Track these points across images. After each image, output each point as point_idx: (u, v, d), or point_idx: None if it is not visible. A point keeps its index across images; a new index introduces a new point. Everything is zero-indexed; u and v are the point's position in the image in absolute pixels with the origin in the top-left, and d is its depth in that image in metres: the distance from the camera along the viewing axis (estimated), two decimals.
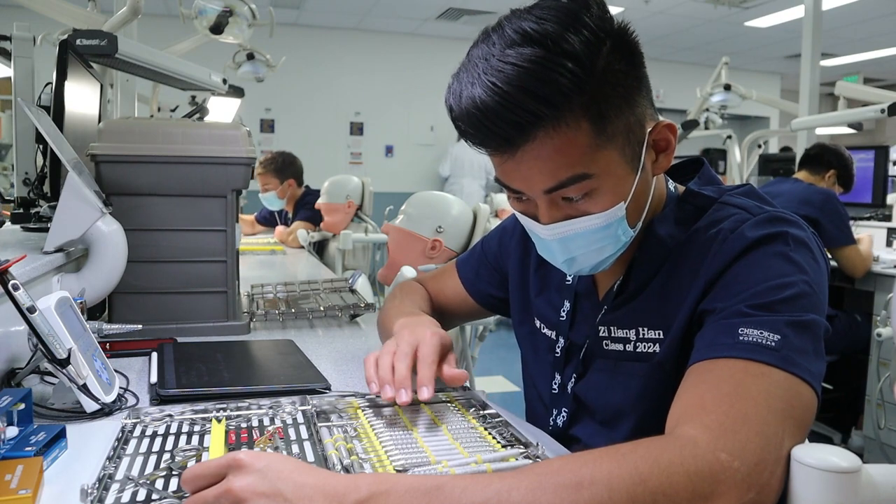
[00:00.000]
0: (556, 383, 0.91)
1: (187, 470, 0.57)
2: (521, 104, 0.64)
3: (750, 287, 0.68)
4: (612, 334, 0.83)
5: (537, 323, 0.96)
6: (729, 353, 0.64)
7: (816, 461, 0.52)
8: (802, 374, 0.62)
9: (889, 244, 3.12)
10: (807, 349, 0.64)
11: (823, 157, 2.97)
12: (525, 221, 0.79)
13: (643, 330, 0.80)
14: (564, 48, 0.64)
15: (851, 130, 3.90)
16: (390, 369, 0.81)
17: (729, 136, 4.47)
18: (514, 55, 0.64)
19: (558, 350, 0.90)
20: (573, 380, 0.88)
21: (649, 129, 0.74)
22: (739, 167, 4.42)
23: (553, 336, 0.92)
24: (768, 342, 0.63)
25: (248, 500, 0.52)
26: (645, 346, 0.80)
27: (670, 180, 0.86)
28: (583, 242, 0.75)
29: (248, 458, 0.55)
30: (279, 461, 0.56)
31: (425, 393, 0.78)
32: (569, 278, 0.92)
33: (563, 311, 0.91)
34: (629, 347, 0.81)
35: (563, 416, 0.89)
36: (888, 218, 3.51)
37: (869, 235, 2.84)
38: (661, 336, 0.78)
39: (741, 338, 0.64)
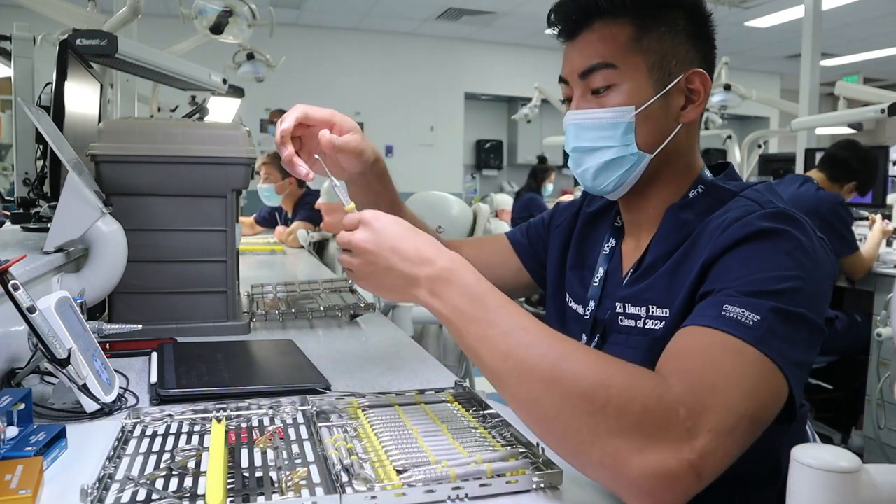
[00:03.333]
0: (582, 342, 0.94)
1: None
2: None
3: (747, 275, 0.70)
4: (627, 311, 0.87)
5: (566, 297, 1.01)
6: (709, 323, 0.67)
7: (816, 461, 0.52)
8: (774, 356, 0.64)
9: (889, 244, 3.11)
10: (786, 335, 0.66)
11: (849, 164, 2.74)
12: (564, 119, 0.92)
13: (652, 308, 0.84)
14: None
15: (851, 130, 3.90)
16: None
17: (729, 136, 4.47)
18: None
19: (588, 313, 0.94)
20: (596, 344, 0.92)
21: (686, 73, 0.85)
22: (739, 167, 4.41)
23: (580, 309, 0.97)
24: (747, 321, 0.66)
25: (359, 254, 0.75)
26: (652, 324, 0.83)
27: (707, 170, 0.91)
28: (591, 135, 0.87)
29: (370, 216, 0.76)
30: (391, 226, 0.75)
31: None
32: (605, 247, 0.96)
33: (597, 276, 0.95)
34: (639, 324, 0.85)
35: None
36: (888, 218, 3.50)
37: (879, 227, 2.80)
38: (667, 314, 0.81)
39: (723, 312, 0.67)
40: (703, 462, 0.58)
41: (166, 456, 0.70)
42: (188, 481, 0.64)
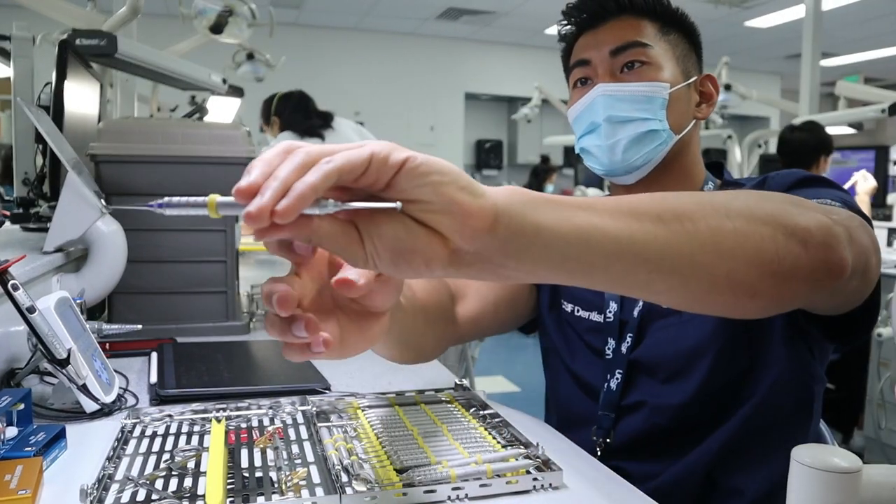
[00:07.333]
0: (609, 349, 0.91)
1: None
2: None
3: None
4: None
5: (568, 307, 0.98)
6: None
7: (816, 461, 0.52)
8: (863, 217, 0.68)
9: (889, 244, 3.11)
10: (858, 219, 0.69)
11: (809, 145, 2.79)
12: (581, 101, 0.91)
13: None
14: None
15: (851, 130, 3.90)
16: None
17: (729, 136, 4.48)
18: None
19: (611, 315, 0.91)
20: (629, 344, 0.89)
21: (699, 76, 0.93)
22: (739, 167, 4.42)
23: (595, 316, 0.94)
24: (829, 204, 0.68)
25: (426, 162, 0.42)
26: None
27: (710, 175, 0.94)
28: (627, 106, 0.87)
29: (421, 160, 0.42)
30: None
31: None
32: None
33: None
34: None
35: (618, 379, 0.89)
36: (888, 218, 3.50)
37: (864, 188, 2.81)
38: None
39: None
40: (835, 265, 0.59)
41: (166, 456, 0.70)
42: (188, 481, 0.64)
